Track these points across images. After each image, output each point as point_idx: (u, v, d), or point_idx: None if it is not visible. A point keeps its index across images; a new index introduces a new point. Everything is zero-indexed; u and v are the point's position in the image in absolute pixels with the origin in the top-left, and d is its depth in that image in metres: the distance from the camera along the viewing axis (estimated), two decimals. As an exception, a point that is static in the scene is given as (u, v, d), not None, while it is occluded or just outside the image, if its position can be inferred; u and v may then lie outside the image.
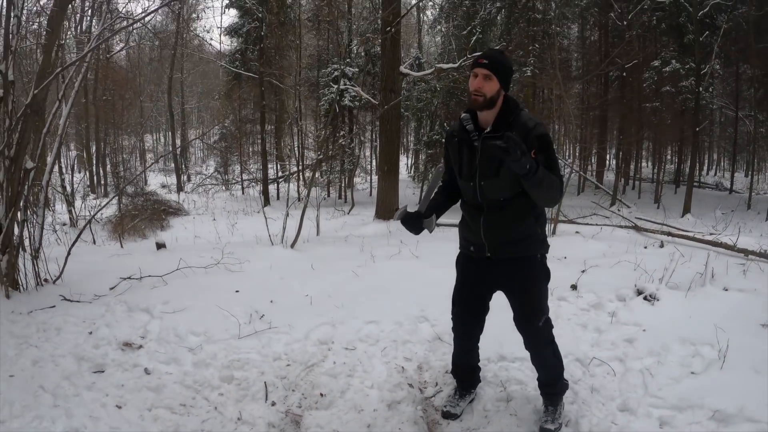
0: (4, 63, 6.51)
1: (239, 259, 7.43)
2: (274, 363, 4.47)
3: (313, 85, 28.40)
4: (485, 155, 3.25)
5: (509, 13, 23.86)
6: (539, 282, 3.48)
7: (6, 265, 6.05)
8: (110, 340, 4.86)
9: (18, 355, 4.58)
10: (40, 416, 3.72)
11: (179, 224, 17.81)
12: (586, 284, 6.04)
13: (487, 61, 3.21)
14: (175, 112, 36.36)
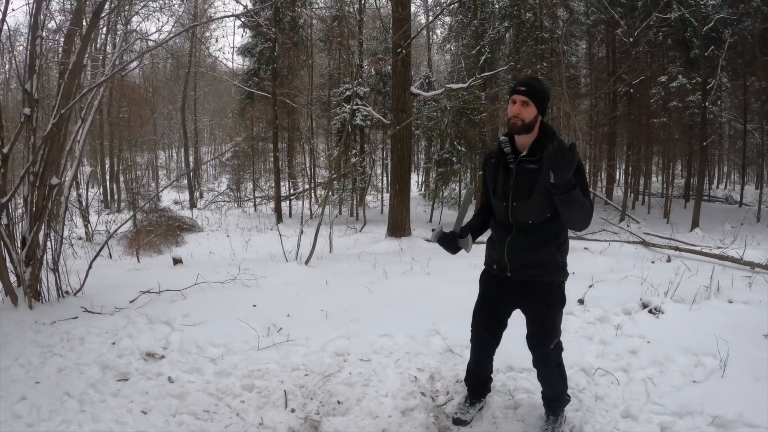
0: (30, 82, 6.80)
1: (255, 275, 7.66)
2: (293, 373, 4.69)
3: (325, 104, 28.65)
4: (519, 177, 3.43)
5: (517, 32, 24.04)
6: (554, 308, 3.63)
7: (29, 277, 6.33)
8: (133, 350, 5.10)
9: (43, 363, 4.83)
10: (68, 420, 3.96)
11: (194, 240, 18.02)
12: (592, 299, 6.19)
13: (524, 88, 3.38)
14: (188, 129, 36.67)
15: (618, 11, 23.11)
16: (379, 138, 28.02)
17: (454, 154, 23.57)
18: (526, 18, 23.16)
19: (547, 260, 3.50)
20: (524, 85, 3.42)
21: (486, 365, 4.09)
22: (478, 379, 4.12)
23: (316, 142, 30.98)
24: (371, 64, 22.31)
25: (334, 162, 22.17)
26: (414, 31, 17.19)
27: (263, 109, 28.03)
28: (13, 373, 4.62)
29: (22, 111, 6.65)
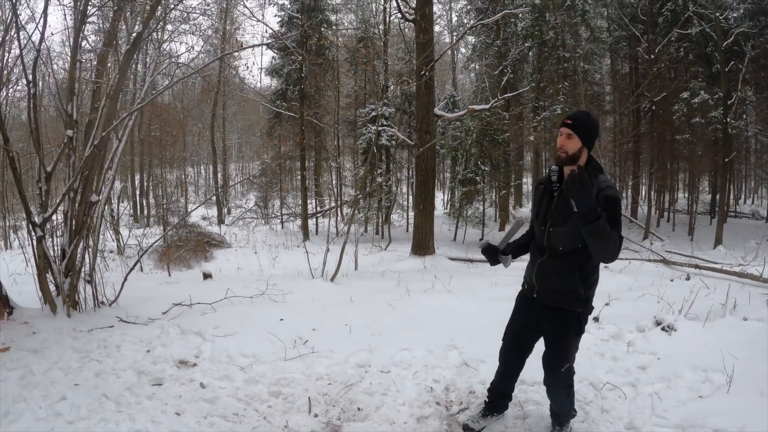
0: (71, 105, 7.22)
1: (282, 291, 7.99)
2: (317, 382, 5.01)
3: (352, 123, 28.95)
4: (560, 205, 3.66)
5: (539, 52, 24.21)
6: (570, 336, 3.82)
7: (68, 287, 6.76)
8: (167, 357, 5.48)
9: (81, 367, 5.23)
10: (106, 419, 4.32)
11: (222, 256, 18.40)
12: (608, 316, 6.32)
13: (571, 122, 3.60)
14: (217, 146, 37.21)
15: (639, 28, 23.17)
16: (404, 157, 28.29)
17: (477, 174, 23.75)
18: (548, 38, 23.38)
19: (568, 288, 3.70)
20: (571, 118, 3.65)
21: (507, 380, 4.29)
22: (497, 393, 4.33)
23: (343, 161, 31.31)
24: (396, 86, 22.60)
25: (360, 181, 22.45)
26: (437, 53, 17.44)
27: (291, 128, 28.43)
28: (53, 376, 4.99)
29: (65, 133, 7.08)
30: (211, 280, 9.98)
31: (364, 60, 25.14)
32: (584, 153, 3.62)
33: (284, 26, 27.97)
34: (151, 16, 7.46)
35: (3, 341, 5.61)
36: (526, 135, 25.21)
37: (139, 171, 35.90)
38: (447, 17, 40.58)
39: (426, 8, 15.93)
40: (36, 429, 4.14)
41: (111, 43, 8.80)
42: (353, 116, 29.32)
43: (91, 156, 6.95)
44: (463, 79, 43.67)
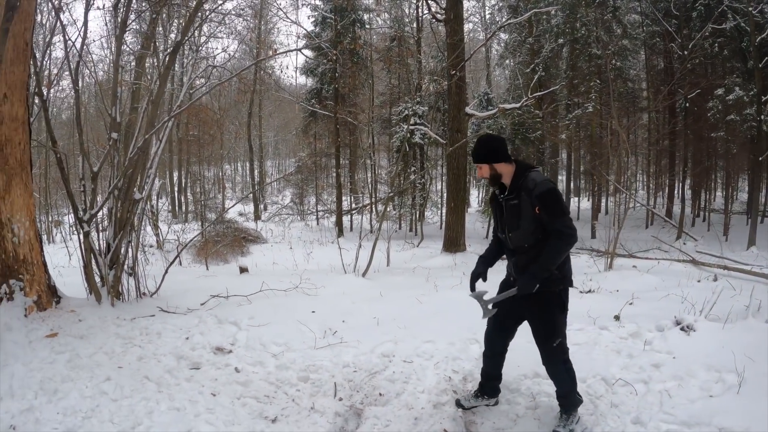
0: (114, 108, 7.63)
1: (315, 285, 8.42)
2: (343, 369, 5.36)
3: (386, 121, 29.08)
4: (508, 212, 4.11)
5: (571, 49, 24.09)
6: (554, 312, 4.13)
7: (112, 279, 7.23)
8: (204, 344, 5.94)
9: (124, 352, 5.70)
10: (147, 398, 4.73)
11: (258, 251, 18.78)
12: (629, 315, 6.46)
13: (473, 158, 4.23)
14: (253, 144, 37.65)
15: (673, 23, 22.81)
16: (438, 154, 28.41)
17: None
18: (579, 35, 23.29)
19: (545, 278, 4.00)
20: (472, 155, 4.27)
21: (492, 361, 4.60)
22: (485, 375, 4.65)
23: (378, 158, 31.53)
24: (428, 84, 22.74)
25: (394, 178, 22.65)
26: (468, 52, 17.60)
27: (326, 126, 28.71)
28: (98, 359, 5.45)
29: (110, 135, 7.52)
30: (247, 274, 10.37)
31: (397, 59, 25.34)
32: (502, 167, 4.13)
33: (318, 26, 28.26)
34: (190, 24, 7.84)
35: (51, 327, 6.06)
36: (560, 133, 25.15)
37: (177, 168, 36.59)
38: (480, 14, 40.58)
39: (456, 9, 16.13)
40: (83, 405, 4.54)
41: (148, 46, 9.21)
42: (387, 114, 29.50)
43: (135, 156, 7.36)
44: (497, 76, 43.55)
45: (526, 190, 3.95)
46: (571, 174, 28.99)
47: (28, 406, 4.47)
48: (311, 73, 29.57)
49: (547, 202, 3.88)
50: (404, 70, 27.16)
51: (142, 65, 9.20)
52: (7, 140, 6.17)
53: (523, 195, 3.96)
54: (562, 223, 3.86)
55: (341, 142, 27.36)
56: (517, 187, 4.02)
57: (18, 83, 6.27)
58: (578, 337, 5.84)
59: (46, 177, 29.20)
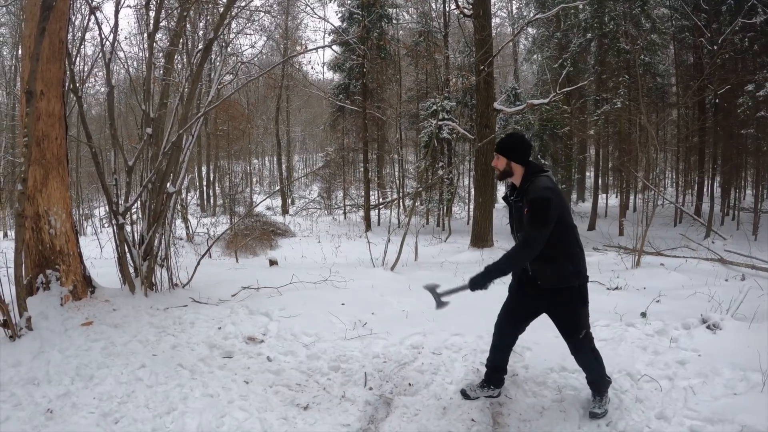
0: (148, 104, 7.79)
1: (344, 278, 8.54)
2: (373, 360, 5.44)
3: (414, 116, 29.10)
4: (516, 213, 4.26)
5: (599, 44, 23.82)
6: (576, 307, 4.22)
7: (146, 270, 7.43)
8: (236, 334, 6.07)
9: (158, 340, 5.85)
10: (181, 384, 4.87)
11: (287, 245, 18.95)
12: (656, 313, 6.43)
13: (496, 147, 4.31)
14: (281, 138, 37.88)
15: (702, 17, 22.44)
16: (466, 149, 28.37)
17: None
18: (608, 29, 23.07)
19: (559, 270, 4.11)
20: (497, 143, 4.35)
21: (500, 353, 4.71)
22: (492, 366, 4.73)
23: (405, 153, 31.58)
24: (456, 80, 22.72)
25: (422, 173, 22.68)
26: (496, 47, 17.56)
27: (354, 121, 28.81)
28: (133, 347, 5.60)
29: (144, 130, 7.69)
30: (277, 267, 10.52)
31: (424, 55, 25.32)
32: (515, 166, 4.22)
33: (345, 22, 28.35)
34: (221, 24, 7.93)
35: (87, 316, 6.23)
36: (588, 129, 24.96)
37: (206, 163, 36.97)
38: (508, 9, 40.41)
39: (484, 4, 16.12)
40: (118, 391, 4.69)
41: (177, 43, 9.37)
42: (415, 109, 29.52)
43: (168, 151, 7.54)
44: (525, 71, 43.30)
45: (527, 194, 4.06)
46: (599, 170, 28.69)
47: (65, 391, 4.63)
48: (339, 69, 29.72)
49: (533, 209, 3.98)
50: (432, 65, 27.14)
51: (171, 61, 9.35)
52: (44, 135, 6.34)
53: (525, 198, 4.06)
54: (532, 234, 3.99)
55: (369, 137, 27.44)
56: (524, 190, 4.12)
57: (54, 80, 6.43)
58: (604, 333, 5.86)
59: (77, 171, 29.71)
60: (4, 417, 4.22)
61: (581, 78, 23.67)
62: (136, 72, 21.09)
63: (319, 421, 4.35)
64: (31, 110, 5.60)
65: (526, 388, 4.82)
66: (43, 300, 6.23)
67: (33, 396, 4.54)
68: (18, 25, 28.58)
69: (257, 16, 23.15)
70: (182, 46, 9.66)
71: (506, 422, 4.40)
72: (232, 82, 10.73)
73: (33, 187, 6.30)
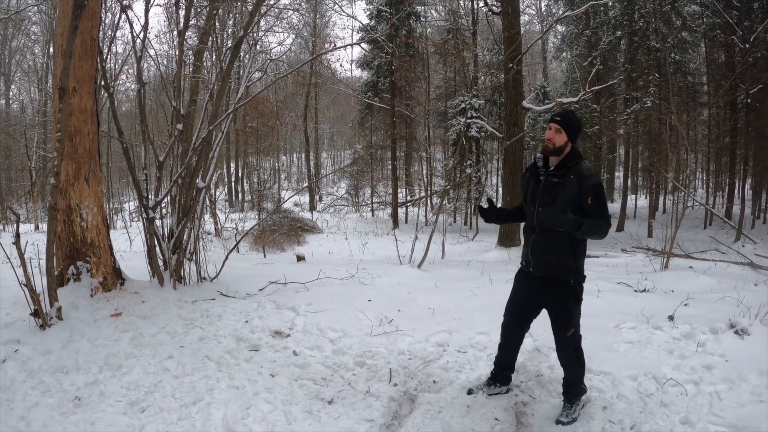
0: (178, 101, 7.88)
1: (371, 275, 8.58)
2: (399, 356, 5.46)
3: (442, 114, 29.05)
4: (546, 188, 4.13)
5: (629, 42, 23.48)
6: (569, 303, 4.20)
7: (175, 263, 7.55)
8: (263, 328, 6.15)
9: (186, 332, 5.95)
10: (208, 376, 4.95)
11: (314, 241, 19.05)
12: (683, 316, 6.34)
13: (559, 119, 4.12)
14: (309, 136, 38.04)
15: (733, 14, 22.00)
16: (494, 148, 28.25)
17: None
18: (638, 27, 22.76)
19: (560, 261, 4.11)
20: (560, 115, 4.16)
21: (508, 352, 4.70)
22: (499, 365, 4.73)
23: (433, 151, 31.55)
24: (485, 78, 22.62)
25: (450, 172, 22.63)
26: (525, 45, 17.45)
27: (382, 119, 28.83)
28: (161, 338, 5.71)
29: (175, 126, 7.80)
30: (304, 263, 10.57)
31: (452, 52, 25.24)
32: (568, 145, 4.11)
33: (373, 19, 28.38)
34: (251, 22, 8.01)
35: (116, 307, 6.36)
36: (617, 128, 24.69)
37: (235, 159, 37.26)
38: (536, 6, 40.15)
39: (512, 2, 16.06)
40: (146, 381, 4.78)
41: (206, 41, 9.47)
42: (443, 107, 29.46)
43: (198, 147, 7.63)
44: (554, 69, 42.98)
45: (578, 175, 3.98)
46: (628, 170, 28.33)
47: (93, 380, 4.72)
48: (367, 66, 29.74)
49: (601, 195, 3.97)
50: (460, 63, 27.06)
51: (200, 59, 9.47)
52: (76, 131, 6.48)
53: (572, 178, 3.97)
54: (609, 218, 4.00)
55: (397, 135, 27.44)
56: (567, 168, 4.05)
57: (86, 77, 6.56)
58: (631, 335, 5.82)
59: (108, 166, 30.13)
60: (33, 403, 4.31)
61: (611, 76, 23.44)
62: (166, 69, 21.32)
63: (343, 416, 4.36)
64: (64, 106, 5.71)
65: (550, 388, 4.79)
66: (74, 291, 6.37)
67: (62, 383, 4.63)
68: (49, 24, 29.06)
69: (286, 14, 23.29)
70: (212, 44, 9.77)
71: (530, 422, 4.37)
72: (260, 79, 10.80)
73: (65, 181, 6.43)
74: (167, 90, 8.83)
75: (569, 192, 3.97)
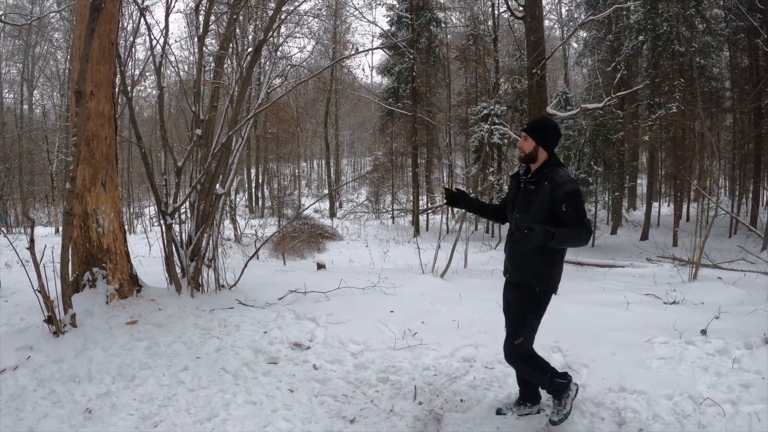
0: (198, 106, 7.76)
1: (393, 284, 8.37)
2: (423, 372, 5.20)
3: (463, 121, 28.93)
4: (523, 195, 4.07)
5: (653, 46, 23.10)
6: (525, 309, 4.11)
7: (193, 270, 7.41)
8: (282, 339, 5.95)
9: (202, 342, 5.79)
10: (224, 390, 4.75)
11: (334, 248, 18.89)
12: (716, 330, 6.08)
13: (527, 126, 4.15)
14: (330, 142, 38.07)
15: (758, 17, 21.39)
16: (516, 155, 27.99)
17: (590, 174, 23.23)
18: (661, 31, 22.43)
19: (533, 267, 4.02)
20: (528, 124, 4.20)
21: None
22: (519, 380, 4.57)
23: (454, 158, 31.41)
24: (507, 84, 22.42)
25: (472, 179, 22.44)
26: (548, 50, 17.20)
27: (403, 125, 28.75)
28: (177, 348, 5.55)
29: (194, 131, 7.69)
30: (325, 271, 10.42)
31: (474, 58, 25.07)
32: (541, 152, 4.04)
33: (393, 26, 28.34)
34: (270, 27, 7.88)
35: (131, 315, 6.25)
36: (641, 135, 24.31)
37: (255, 165, 37.34)
38: (557, 11, 39.81)
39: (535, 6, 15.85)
40: (160, 393, 4.61)
41: (227, 47, 9.39)
42: (464, 114, 29.32)
43: (218, 152, 7.50)
44: (574, 74, 42.61)
45: (551, 182, 3.90)
46: (653, 177, 27.93)
47: (106, 391, 4.58)
48: (388, 73, 29.70)
49: (577, 201, 3.86)
50: (482, 69, 26.90)
51: (220, 65, 9.41)
52: (93, 135, 6.41)
53: (546, 185, 3.90)
54: (587, 223, 3.87)
55: (418, 142, 27.32)
56: (542, 174, 3.98)
57: (104, 81, 6.51)
58: (663, 350, 5.56)
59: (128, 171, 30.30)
60: (42, 414, 4.19)
61: (634, 82, 23.12)
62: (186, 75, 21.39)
63: (365, 437, 4.15)
64: (81, 110, 5.64)
65: (583, 408, 4.52)
66: (89, 297, 6.28)
67: (73, 394, 4.51)
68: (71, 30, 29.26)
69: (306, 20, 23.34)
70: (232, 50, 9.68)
71: (563, 446, 4.14)
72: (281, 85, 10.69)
73: (82, 185, 6.36)
74: (187, 96, 8.74)
75: (542, 199, 3.91)
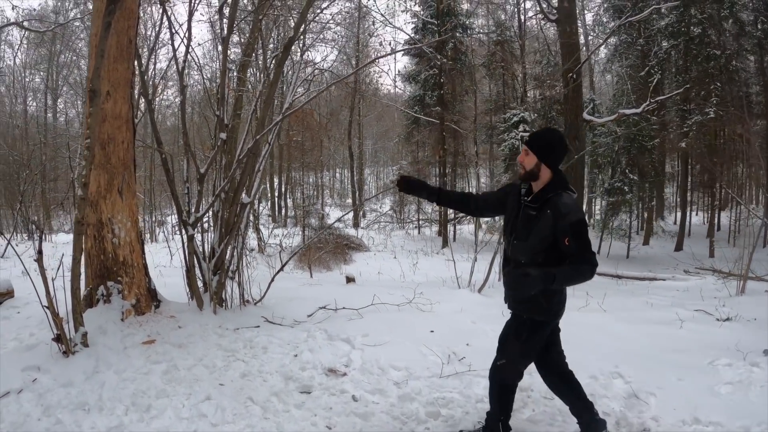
0: (222, 110, 7.29)
1: (429, 300, 7.75)
2: (477, 405, 4.56)
3: (491, 129, 28.56)
4: (523, 219, 3.66)
5: (686, 50, 22.55)
6: (507, 331, 3.87)
7: (216, 285, 6.90)
8: (315, 364, 5.32)
9: (226, 366, 5.21)
10: (252, 425, 4.16)
11: (361, 259, 18.50)
12: None
13: (527, 138, 3.72)
14: (354, 151, 37.85)
15: None
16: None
17: (625, 183, 22.56)
18: (694, 35, 21.84)
19: (527, 299, 3.61)
20: (529, 135, 3.79)
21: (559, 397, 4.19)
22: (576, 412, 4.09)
23: (482, 167, 31.00)
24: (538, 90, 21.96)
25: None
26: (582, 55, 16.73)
27: (428, 134, 28.41)
28: (198, 373, 4.97)
29: (218, 135, 7.23)
30: (354, 284, 9.99)
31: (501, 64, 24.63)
32: (544, 169, 3.60)
33: (418, 33, 28.06)
34: (302, 22, 7.51)
35: (149, 333, 5.75)
36: (677, 141, 23.63)
37: (278, 174, 37.13)
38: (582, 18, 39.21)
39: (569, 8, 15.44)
40: (178, 428, 4.08)
41: (249, 53, 9.02)
42: (491, 122, 28.89)
43: (244, 158, 7.07)
44: (599, 81, 41.87)
45: (554, 210, 3.48)
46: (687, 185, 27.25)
47: (117, 423, 4.06)
48: (413, 80, 29.33)
49: (582, 233, 3.46)
50: (509, 75, 26.46)
51: (244, 71, 9.07)
52: (109, 138, 5.97)
53: (548, 213, 3.49)
54: (592, 258, 3.45)
55: (446, 150, 26.90)
56: (544, 200, 3.55)
57: (121, 81, 6.09)
58: (729, 374, 5.03)
59: (151, 179, 30.17)
60: (45, 449, 3.66)
61: (667, 86, 22.55)
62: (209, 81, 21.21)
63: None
64: (95, 110, 5.12)
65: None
66: (103, 313, 5.79)
67: (81, 426, 3.99)
68: (92, 37, 29.41)
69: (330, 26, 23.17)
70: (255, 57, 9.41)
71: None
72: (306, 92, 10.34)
73: (96, 192, 5.90)
74: (211, 101, 8.35)
75: (543, 228, 3.51)
